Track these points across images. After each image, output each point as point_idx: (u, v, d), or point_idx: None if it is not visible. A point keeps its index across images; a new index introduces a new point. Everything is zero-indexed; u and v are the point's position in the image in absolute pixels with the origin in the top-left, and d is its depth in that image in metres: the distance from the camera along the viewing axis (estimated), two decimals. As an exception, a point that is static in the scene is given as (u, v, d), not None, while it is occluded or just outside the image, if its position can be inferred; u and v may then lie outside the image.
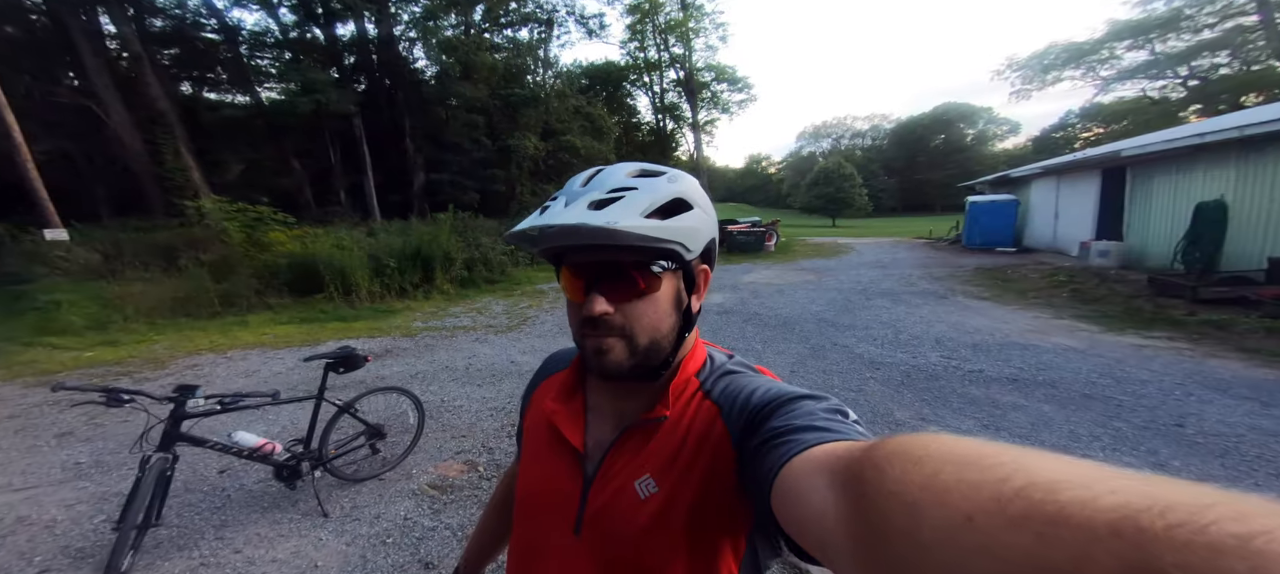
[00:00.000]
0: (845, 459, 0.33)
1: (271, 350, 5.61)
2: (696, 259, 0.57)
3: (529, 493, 0.63)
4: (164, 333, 6.25)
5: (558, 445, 0.61)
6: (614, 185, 0.53)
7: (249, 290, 7.64)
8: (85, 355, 5.38)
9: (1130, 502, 0.17)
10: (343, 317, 7.36)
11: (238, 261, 8.14)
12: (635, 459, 0.55)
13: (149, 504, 2.08)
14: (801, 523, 0.35)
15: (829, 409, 0.45)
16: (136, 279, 7.61)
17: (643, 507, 0.53)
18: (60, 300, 6.82)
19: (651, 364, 0.55)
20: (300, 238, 8.97)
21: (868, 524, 0.27)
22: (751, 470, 0.45)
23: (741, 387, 0.54)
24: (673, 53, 27.82)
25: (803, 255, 14.88)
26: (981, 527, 0.20)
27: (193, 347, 5.70)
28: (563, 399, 0.63)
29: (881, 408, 3.74)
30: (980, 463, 0.23)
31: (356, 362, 2.76)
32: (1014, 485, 0.20)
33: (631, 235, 0.48)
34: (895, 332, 5.96)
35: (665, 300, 0.55)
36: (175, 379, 4.64)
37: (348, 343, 2.82)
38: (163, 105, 12.48)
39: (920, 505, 0.23)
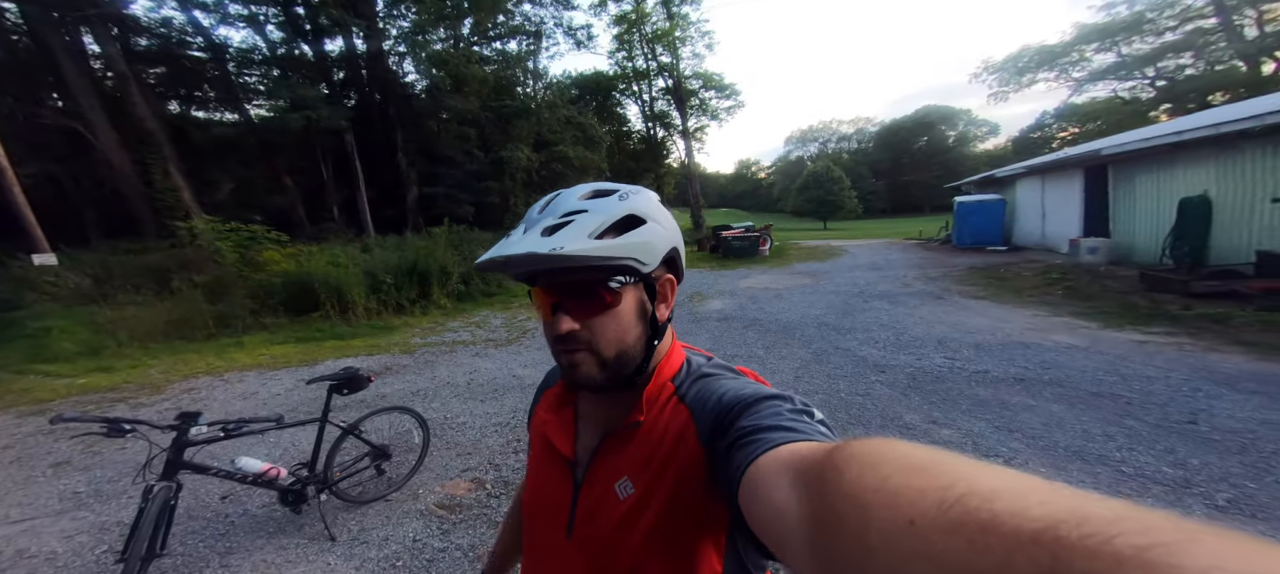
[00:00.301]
0: (808, 459, 0.34)
1: (269, 371, 5.55)
2: (657, 270, 0.60)
3: (531, 500, 0.68)
4: (158, 357, 6.16)
5: (552, 454, 0.65)
6: (566, 209, 0.57)
7: (244, 311, 7.57)
8: (78, 382, 5.29)
9: (1054, 513, 0.18)
10: (340, 335, 7.30)
11: (232, 282, 8.06)
12: (615, 463, 0.58)
13: (153, 534, 2.05)
14: (764, 520, 0.36)
15: (795, 409, 0.47)
16: (129, 303, 7.51)
17: (620, 507, 0.56)
18: (51, 327, 6.71)
19: (624, 373, 0.58)
20: (294, 256, 8.91)
21: (822, 523, 0.28)
22: (722, 470, 0.47)
23: (712, 389, 0.56)
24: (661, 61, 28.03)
25: (797, 259, 14.97)
26: (922, 531, 0.22)
27: (189, 370, 5.63)
28: (555, 410, 0.68)
29: (890, 412, 3.73)
30: (928, 470, 0.24)
31: (360, 382, 2.74)
32: (955, 493, 0.22)
33: (579, 258, 0.51)
34: (896, 334, 5.95)
35: (628, 313, 0.57)
36: (172, 403, 4.57)
37: (350, 363, 2.79)
38: (150, 125, 12.38)
39: (870, 508, 0.25)
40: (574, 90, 27.53)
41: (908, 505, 0.23)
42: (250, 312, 7.61)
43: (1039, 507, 0.19)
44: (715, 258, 15.94)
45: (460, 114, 17.04)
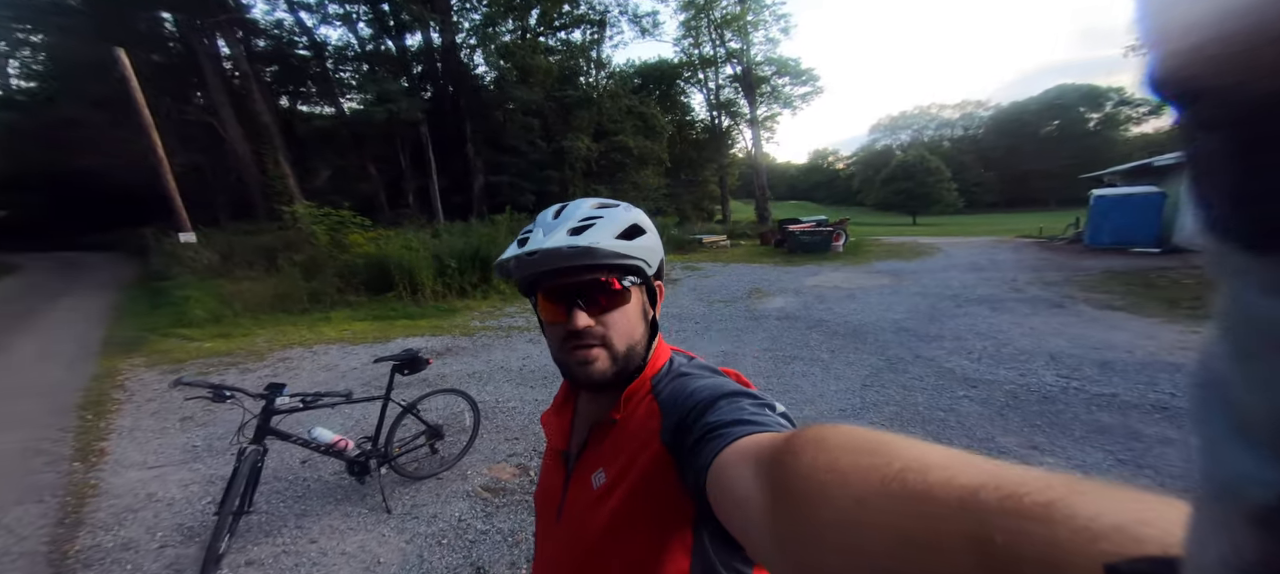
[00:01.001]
0: (769, 449, 0.36)
1: (349, 346, 6.17)
2: (654, 276, 0.67)
3: (538, 490, 0.77)
4: (265, 327, 7.08)
5: (552, 449, 0.74)
6: (583, 215, 0.64)
7: (332, 288, 8.48)
8: (205, 346, 6.23)
9: (976, 481, 0.21)
10: (410, 314, 7.94)
11: (324, 262, 9.06)
12: (596, 455, 0.64)
13: (243, 492, 2.36)
14: (729, 510, 0.39)
15: (757, 403, 0.51)
16: (245, 277, 8.72)
17: (594, 495, 0.61)
18: (189, 296, 7.97)
19: (629, 370, 0.63)
20: (375, 239, 9.80)
21: (780, 506, 0.30)
22: (689, 467, 0.49)
23: (683, 387, 0.59)
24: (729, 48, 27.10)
25: (877, 256, 13.88)
26: (869, 507, 0.24)
27: (286, 341, 6.41)
28: (557, 411, 0.75)
29: (980, 432, 3.38)
30: (874, 450, 0.26)
31: (419, 364, 2.94)
32: (895, 469, 0.24)
33: (610, 253, 0.59)
34: (996, 344, 5.30)
35: (635, 311, 0.64)
36: (272, 370, 5.24)
37: (416, 343, 3.06)
38: (266, 119, 14.16)
39: (824, 489, 0.26)
40: (637, 79, 27.50)
41: (856, 484, 0.25)
42: (337, 289, 8.52)
43: (964, 476, 0.21)
44: (780, 253, 15.28)
45: (525, 104, 17.74)
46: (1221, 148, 0.10)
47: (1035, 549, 0.17)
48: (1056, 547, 0.17)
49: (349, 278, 8.85)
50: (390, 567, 2.24)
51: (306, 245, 9.64)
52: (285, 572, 2.22)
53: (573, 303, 0.60)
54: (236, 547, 2.35)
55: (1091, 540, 0.16)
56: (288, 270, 8.76)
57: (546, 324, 0.64)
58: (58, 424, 3.92)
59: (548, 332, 0.64)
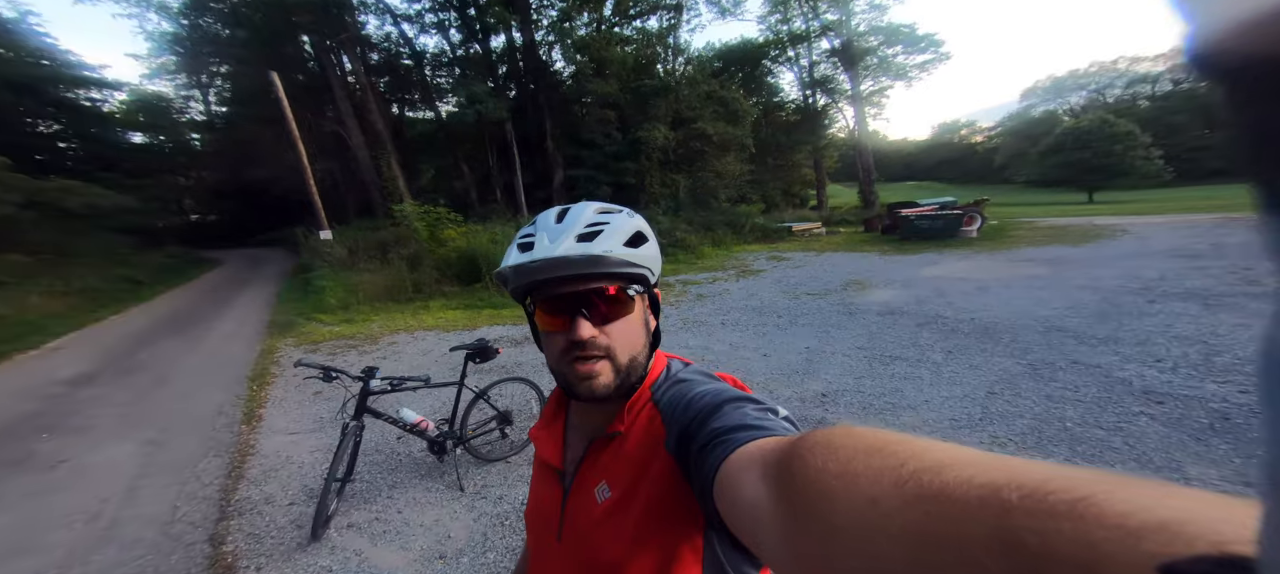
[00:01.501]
0: (775, 453, 0.36)
1: (443, 332, 6.93)
2: (654, 284, 0.68)
3: (530, 510, 0.75)
4: (379, 314, 8.23)
5: (544, 466, 0.72)
6: (589, 221, 0.63)
7: (430, 279, 9.57)
8: (335, 330, 7.42)
9: (996, 480, 0.20)
10: (495, 304, 8.66)
11: (424, 255, 10.23)
12: (597, 469, 0.63)
13: (348, 462, 2.80)
14: (737, 515, 0.39)
15: (760, 408, 0.51)
16: (365, 270, 10.17)
17: (599, 509, 0.60)
18: (325, 285, 9.53)
19: (631, 382, 0.63)
20: (466, 234, 10.81)
21: (791, 511, 0.30)
22: (695, 474, 0.49)
23: (683, 394, 0.59)
24: (825, 20, 24.96)
25: (1027, 241, 11.91)
26: (883, 508, 0.23)
27: (394, 327, 7.39)
28: (546, 424, 0.74)
29: (1158, 458, 2.78)
30: (886, 451, 0.26)
31: (490, 353, 3.22)
32: (910, 469, 0.24)
33: (619, 260, 0.59)
34: (1207, 352, 4.23)
35: (638, 321, 0.64)
36: (383, 352, 6.08)
37: (497, 331, 3.39)
38: (381, 126, 16.24)
39: (834, 491, 0.27)
40: (717, 63, 26.61)
41: (868, 485, 0.25)
42: (434, 280, 9.58)
43: (983, 475, 0.21)
44: (890, 241, 13.89)
45: (602, 97, 18.10)
46: (1274, 120, 0.09)
47: (1069, 550, 0.16)
48: (1092, 547, 0.16)
49: (444, 270, 9.91)
50: (458, 542, 2.52)
51: (411, 240, 10.96)
52: (376, 537, 2.60)
53: (576, 312, 0.59)
54: (341, 510, 2.80)
55: (1133, 539, 0.16)
56: (396, 263, 10.05)
57: (545, 334, 0.63)
58: (235, 391, 4.97)
59: (546, 342, 0.63)
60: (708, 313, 7.22)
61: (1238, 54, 0.09)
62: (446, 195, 16.05)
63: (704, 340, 5.75)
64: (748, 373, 4.61)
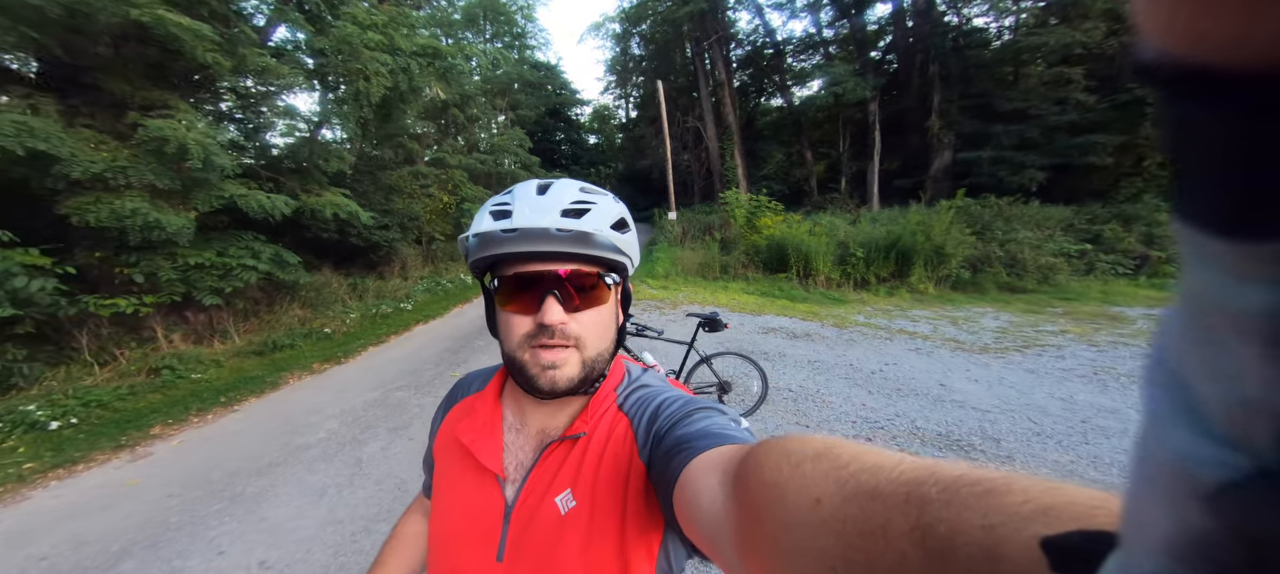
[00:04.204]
0: (734, 458, 0.40)
1: (730, 313, 7.75)
2: (630, 277, 0.68)
3: (447, 525, 0.67)
4: (686, 286, 10.00)
5: (475, 472, 0.66)
6: (576, 198, 0.62)
7: (738, 263, 10.70)
8: (652, 293, 9.57)
9: (918, 476, 0.24)
10: (792, 296, 8.84)
11: (737, 239, 11.50)
12: (557, 476, 0.61)
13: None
14: (696, 519, 0.43)
15: (726, 418, 0.55)
16: (689, 248, 12.46)
17: (562, 521, 0.59)
18: (660, 257, 12.36)
19: (592, 377, 0.62)
20: (782, 223, 11.37)
21: (745, 509, 0.34)
22: (659, 477, 0.53)
23: (650, 399, 0.62)
24: None
25: None
26: (826, 506, 0.27)
27: (692, 298, 8.82)
28: (479, 424, 0.68)
29: None
30: (830, 454, 0.30)
31: (718, 325, 3.64)
32: (850, 470, 0.28)
33: (606, 243, 0.60)
34: None
35: (609, 313, 0.64)
36: (672, 318, 7.48)
37: (716, 310, 3.82)
38: (731, 119, 18.95)
39: (785, 491, 0.30)
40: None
41: (815, 486, 0.29)
42: (741, 264, 10.64)
43: (908, 472, 0.25)
44: None
45: (1061, 50, 14.22)
46: (1203, 131, 0.10)
47: (971, 534, 0.20)
48: (990, 530, 0.20)
49: (753, 255, 10.83)
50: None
51: (729, 225, 12.52)
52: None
53: (546, 294, 0.58)
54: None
55: (1024, 521, 0.19)
56: (710, 244, 11.77)
57: (505, 315, 0.61)
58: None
59: (505, 324, 0.61)
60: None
61: (1182, 63, 0.10)
62: (786, 183, 17.22)
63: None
64: None
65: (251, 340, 6.30)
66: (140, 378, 4.88)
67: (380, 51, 7.41)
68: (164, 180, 4.94)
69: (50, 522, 2.83)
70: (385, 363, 5.72)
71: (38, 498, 3.10)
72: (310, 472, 3.24)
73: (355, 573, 2.31)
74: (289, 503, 2.89)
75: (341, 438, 3.71)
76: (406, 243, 12.14)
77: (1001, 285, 9.75)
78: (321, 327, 7.10)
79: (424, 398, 4.46)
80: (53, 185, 4.46)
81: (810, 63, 21.30)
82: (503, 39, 24.93)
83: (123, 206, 4.56)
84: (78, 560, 2.46)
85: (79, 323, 4.95)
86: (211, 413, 4.36)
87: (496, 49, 21.83)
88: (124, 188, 4.70)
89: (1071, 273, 9.98)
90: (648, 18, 22.27)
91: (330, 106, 7.95)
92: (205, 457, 3.55)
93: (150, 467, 3.46)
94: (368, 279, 10.06)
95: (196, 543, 2.56)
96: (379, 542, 2.44)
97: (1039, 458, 3.23)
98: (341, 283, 9.26)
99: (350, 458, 3.39)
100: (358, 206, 8.04)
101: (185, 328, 5.99)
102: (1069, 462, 3.16)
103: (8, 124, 3.78)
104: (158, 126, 4.55)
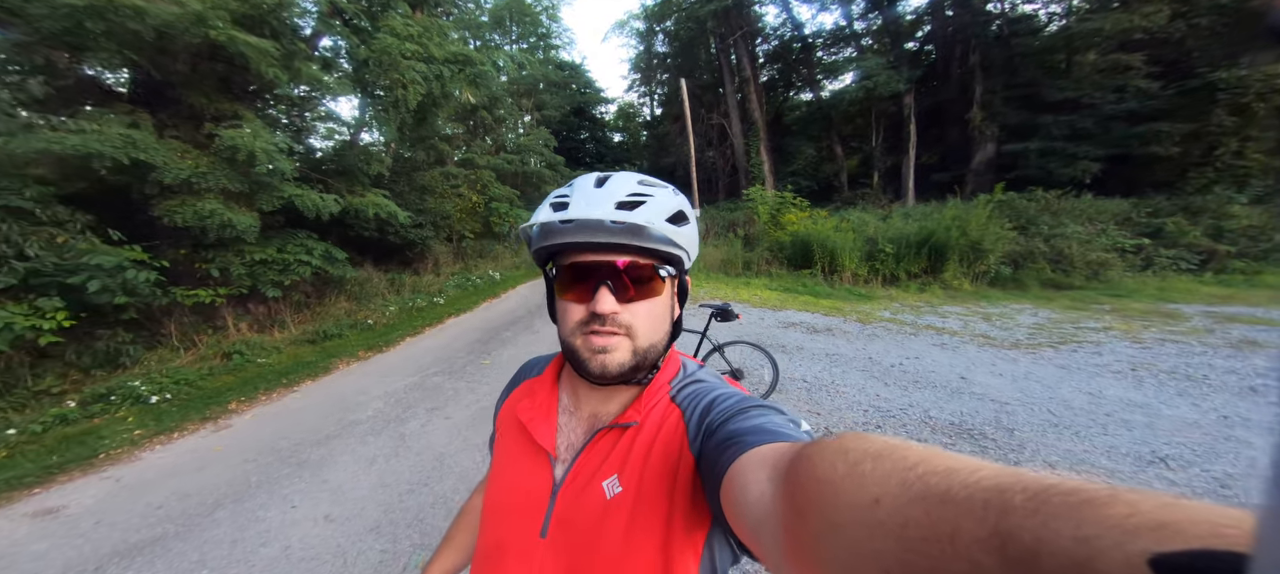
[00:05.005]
0: (787, 454, 0.40)
1: (751, 308, 7.99)
2: (687, 271, 0.69)
3: (498, 497, 0.71)
4: (708, 283, 10.23)
5: (530, 449, 0.70)
6: (632, 190, 0.64)
7: (761, 259, 10.90)
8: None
9: (1001, 483, 0.23)
10: (815, 292, 9.00)
11: (760, 236, 11.69)
12: (605, 460, 0.64)
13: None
14: (742, 512, 0.43)
15: (784, 418, 0.55)
16: (711, 244, 12.72)
17: (608, 506, 0.61)
18: (681, 253, 12.71)
19: (644, 367, 0.64)
20: (807, 219, 11.49)
21: (795, 508, 0.34)
22: (708, 470, 0.54)
23: (705, 393, 0.64)
24: None
25: None
26: (886, 507, 0.27)
27: (712, 294, 9.09)
28: (536, 404, 0.73)
29: None
30: (892, 454, 0.30)
31: (729, 315, 3.94)
32: (918, 472, 0.27)
33: (659, 236, 0.61)
34: None
35: (664, 305, 0.66)
36: (690, 311, 7.76)
37: (728, 304, 4.07)
38: (757, 115, 19.03)
39: (839, 490, 0.30)
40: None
41: (874, 485, 0.28)
42: (764, 261, 10.84)
43: (990, 479, 0.24)
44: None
45: (1120, 36, 13.69)
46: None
47: (1060, 544, 0.19)
48: (1086, 543, 0.18)
49: (777, 252, 11.01)
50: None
51: (753, 221, 12.72)
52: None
53: (601, 283, 0.61)
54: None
55: (1127, 535, 0.18)
56: (733, 241, 12.01)
57: (564, 302, 0.65)
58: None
59: (564, 311, 0.65)
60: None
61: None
62: (815, 179, 17.23)
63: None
64: None
65: (304, 330, 6.97)
66: (215, 361, 5.59)
67: (416, 60, 7.99)
68: (235, 183, 5.63)
69: (159, 477, 3.40)
70: (422, 351, 6.24)
71: (147, 458, 3.71)
72: (361, 444, 3.71)
73: (401, 528, 2.70)
74: (345, 469, 3.35)
75: (386, 416, 4.18)
76: (438, 240, 12.86)
77: (1046, 282, 9.53)
78: (365, 318, 7.74)
79: (457, 383, 4.92)
80: (148, 191, 5.20)
81: (841, 56, 21.10)
82: (528, 40, 25.62)
83: (203, 208, 5.28)
84: (184, 508, 2.98)
85: (167, 312, 5.71)
86: (275, 392, 4.95)
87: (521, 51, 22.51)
88: (204, 191, 5.42)
89: (1125, 269, 9.68)
90: (672, 15, 22.55)
91: (371, 113, 8.60)
92: (274, 429, 4.10)
93: (230, 436, 4.04)
94: (404, 275, 10.76)
95: (273, 499, 3.03)
96: (421, 502, 2.95)
97: (1051, 447, 3.30)
98: (381, 278, 9.97)
99: (394, 433, 3.84)
100: (396, 207, 8.68)
101: (249, 317, 6.72)
102: (1082, 451, 3.23)
103: (117, 137, 4.52)
104: (231, 136, 5.23)
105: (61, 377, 4.87)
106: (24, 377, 4.73)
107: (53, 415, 4.32)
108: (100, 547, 2.66)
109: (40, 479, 3.43)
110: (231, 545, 2.59)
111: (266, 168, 5.46)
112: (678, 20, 22.31)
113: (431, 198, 12.59)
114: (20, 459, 3.77)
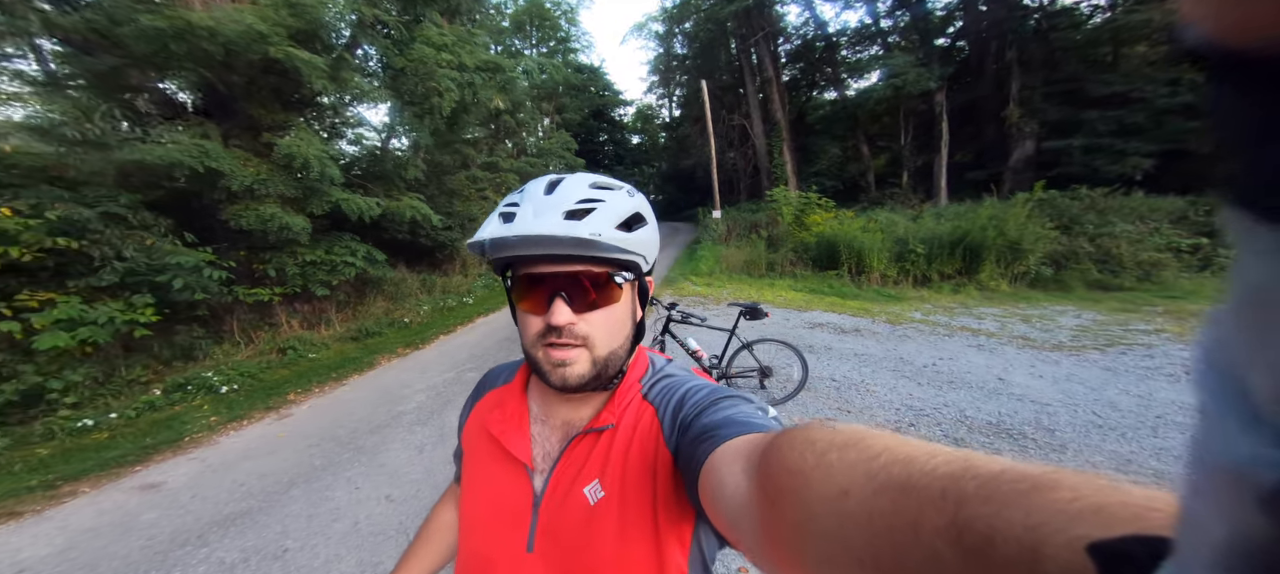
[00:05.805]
0: (759, 445, 0.42)
1: (776, 308, 8.14)
2: (647, 272, 0.69)
3: (476, 512, 0.71)
4: (731, 283, 10.41)
5: (504, 462, 0.70)
6: (582, 197, 0.63)
7: (785, 260, 11.01)
8: (697, 290, 10.06)
9: (954, 470, 0.25)
10: (843, 293, 9.09)
11: (784, 237, 11.79)
12: (584, 466, 0.64)
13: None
14: (718, 504, 0.45)
15: (752, 407, 0.57)
16: (734, 245, 12.86)
17: (592, 511, 0.62)
18: (703, 254, 12.81)
19: (608, 374, 0.65)
20: (833, 220, 11.54)
21: (768, 499, 0.36)
22: (685, 465, 0.56)
23: (676, 388, 0.66)
24: None
25: None
26: (853, 498, 0.28)
27: (735, 295, 9.24)
28: (507, 415, 0.72)
29: None
30: (860, 444, 0.31)
31: (759, 314, 4.15)
32: (881, 462, 0.29)
33: (610, 246, 0.59)
34: None
35: (623, 311, 0.66)
36: (712, 311, 7.96)
37: (758, 303, 4.24)
38: (779, 116, 19.05)
39: (809, 480, 0.32)
40: None
41: (841, 476, 0.30)
42: (789, 261, 10.95)
43: (944, 466, 0.25)
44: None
45: (1169, 28, 13.36)
46: (1250, 114, 0.10)
47: (1012, 531, 0.20)
48: (1033, 530, 0.20)
49: (802, 253, 11.10)
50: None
51: (776, 222, 12.82)
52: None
53: (555, 294, 0.61)
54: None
55: (1070, 521, 0.19)
56: (756, 242, 12.14)
57: (521, 312, 0.65)
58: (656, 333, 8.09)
59: (523, 322, 0.65)
60: None
61: (1231, 45, 0.10)
62: (840, 179, 17.21)
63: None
64: None
65: (348, 327, 7.44)
66: (272, 356, 6.08)
67: (450, 69, 8.43)
68: (290, 189, 6.12)
69: (236, 459, 3.78)
70: (455, 348, 6.59)
71: (223, 443, 4.10)
72: (410, 432, 4.01)
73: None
74: (399, 454, 3.65)
75: (429, 408, 4.49)
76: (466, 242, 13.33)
77: (1091, 283, 9.34)
78: (401, 317, 8.18)
79: (493, 378, 5.26)
80: (216, 196, 5.73)
81: (867, 54, 20.96)
82: (547, 44, 26.13)
83: (265, 211, 5.78)
84: (263, 486, 3.33)
85: (230, 309, 6.25)
86: (327, 385, 5.34)
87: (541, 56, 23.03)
88: (265, 196, 5.93)
89: (1181, 269, 9.38)
90: (691, 16, 22.77)
91: (408, 119, 9.07)
92: (331, 418, 4.46)
93: (293, 424, 4.41)
94: (434, 276, 11.24)
95: (338, 480, 3.35)
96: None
97: (1096, 448, 3.28)
98: (414, 279, 10.45)
99: (438, 423, 4.14)
100: (430, 210, 9.14)
101: (299, 315, 7.22)
102: (1130, 452, 3.21)
103: (192, 148, 5.04)
104: (287, 144, 5.72)
105: (146, 368, 5.42)
106: (119, 367, 5.29)
107: (143, 402, 4.85)
108: (201, 517, 3.02)
109: (140, 458, 3.85)
110: (308, 519, 2.90)
111: (319, 173, 5.94)
112: (697, 22, 22.50)
113: (459, 201, 13.07)
114: (121, 440, 4.24)
